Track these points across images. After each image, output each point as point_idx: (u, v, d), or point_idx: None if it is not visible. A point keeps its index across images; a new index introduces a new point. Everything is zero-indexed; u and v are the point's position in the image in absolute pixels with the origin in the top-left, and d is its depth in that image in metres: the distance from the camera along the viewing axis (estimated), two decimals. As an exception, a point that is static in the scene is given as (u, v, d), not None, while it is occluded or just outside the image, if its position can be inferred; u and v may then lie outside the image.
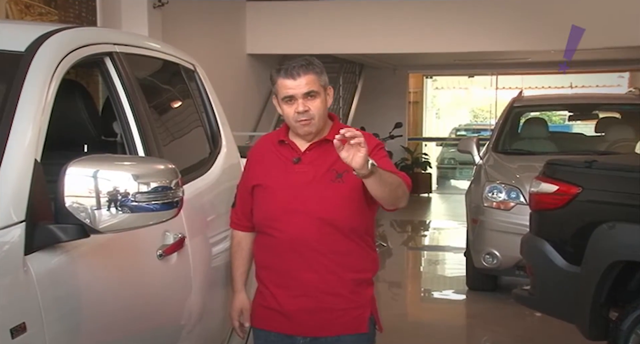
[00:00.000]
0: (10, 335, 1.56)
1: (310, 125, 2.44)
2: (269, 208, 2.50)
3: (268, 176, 2.52)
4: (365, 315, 2.51)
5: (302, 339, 2.49)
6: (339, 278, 2.46)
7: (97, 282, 1.97)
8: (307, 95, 2.42)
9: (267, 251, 2.52)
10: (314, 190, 2.45)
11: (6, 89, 1.89)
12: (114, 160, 1.95)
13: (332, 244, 2.44)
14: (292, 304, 2.47)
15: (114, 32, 2.75)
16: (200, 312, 2.63)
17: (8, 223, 1.68)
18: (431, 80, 21.19)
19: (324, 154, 2.48)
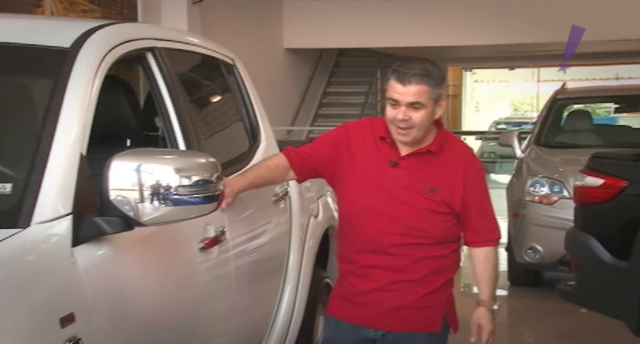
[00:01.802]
0: (60, 325, 1.59)
1: (405, 135, 2.37)
2: (357, 205, 2.47)
3: (361, 169, 2.46)
4: (439, 315, 2.49)
5: (372, 332, 2.48)
6: (417, 278, 2.44)
7: (141, 273, 2.01)
8: (411, 105, 2.32)
9: (349, 245, 2.51)
10: (406, 197, 2.40)
11: (52, 85, 1.93)
12: (156, 153, 1.98)
13: (414, 250, 2.43)
14: (367, 297, 2.47)
15: (156, 27, 2.78)
16: (239, 305, 2.65)
17: (56, 215, 1.72)
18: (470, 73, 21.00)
19: (422, 164, 2.43)
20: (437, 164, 2.44)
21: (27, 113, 2.07)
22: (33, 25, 2.46)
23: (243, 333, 2.75)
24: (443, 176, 2.43)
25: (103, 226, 1.80)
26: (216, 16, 7.90)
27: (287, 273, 3.15)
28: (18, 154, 1.87)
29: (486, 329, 2.51)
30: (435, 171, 2.42)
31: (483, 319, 2.51)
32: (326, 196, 3.66)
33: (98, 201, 1.83)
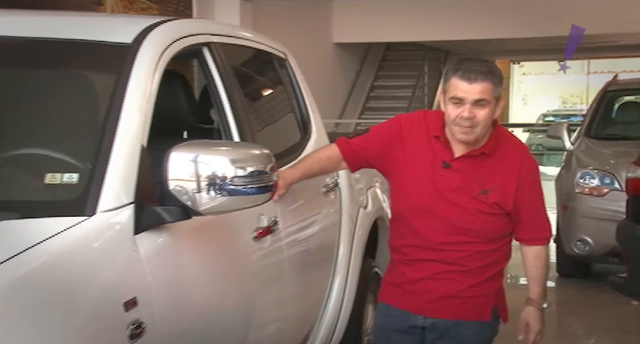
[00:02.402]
0: (124, 309, 1.63)
1: (469, 133, 2.32)
2: (408, 203, 2.45)
3: (413, 167, 2.44)
4: (489, 304, 2.48)
5: (422, 319, 2.47)
6: (466, 269, 2.43)
7: (198, 261, 2.04)
8: (476, 103, 2.27)
9: (400, 239, 2.51)
10: (457, 199, 2.37)
11: (115, 79, 1.96)
12: (213, 145, 2.00)
13: (463, 246, 2.41)
14: (417, 285, 2.46)
15: (211, 23, 2.81)
16: (291, 293, 2.67)
17: (119, 204, 1.76)
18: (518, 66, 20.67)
19: (475, 165, 2.39)
20: (490, 165, 2.40)
21: (92, 107, 2.11)
22: (97, 23, 2.52)
23: (295, 320, 2.77)
24: (496, 177, 2.39)
25: (163, 215, 1.83)
26: (267, 12, 7.94)
27: (337, 262, 3.16)
28: (84, 146, 1.92)
29: (534, 328, 2.49)
30: (488, 172, 2.38)
31: (531, 318, 2.50)
32: (375, 187, 3.66)
33: (158, 191, 1.86)
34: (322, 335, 3.04)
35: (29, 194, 1.87)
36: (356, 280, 3.24)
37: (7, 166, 1.96)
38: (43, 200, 1.84)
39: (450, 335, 2.45)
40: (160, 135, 2.08)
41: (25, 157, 1.97)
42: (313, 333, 3.01)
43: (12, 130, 2.07)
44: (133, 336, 1.64)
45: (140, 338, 1.66)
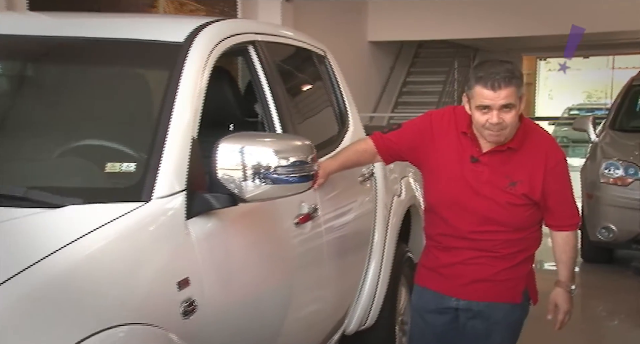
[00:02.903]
0: (177, 288, 1.66)
1: (500, 136, 2.29)
2: (439, 196, 2.45)
3: (442, 165, 2.42)
4: (519, 287, 2.47)
5: (455, 300, 2.48)
6: (498, 256, 2.42)
7: (244, 244, 2.06)
8: (503, 107, 2.23)
9: (434, 227, 2.51)
10: (486, 192, 2.35)
11: (168, 76, 1.98)
12: (258, 137, 2.01)
13: (494, 235, 2.40)
14: (450, 269, 2.46)
15: (256, 23, 2.82)
16: (329, 276, 2.68)
17: (172, 191, 1.78)
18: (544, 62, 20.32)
19: (503, 159, 2.36)
20: (518, 158, 2.37)
21: (147, 102, 2.13)
22: (151, 24, 2.54)
23: (333, 301, 2.77)
24: (524, 169, 2.36)
25: (212, 202, 1.85)
26: (307, 12, 7.93)
27: (373, 247, 3.16)
28: (140, 137, 1.94)
29: (562, 308, 2.47)
30: (516, 165, 2.35)
31: (560, 299, 2.48)
32: (408, 177, 3.65)
33: (207, 180, 1.88)
34: (358, 315, 3.05)
35: (91, 181, 1.90)
36: (390, 264, 3.24)
37: (72, 156, 2.00)
38: (104, 187, 1.87)
39: (483, 316, 2.45)
40: (209, 127, 2.09)
41: (88, 148, 2.00)
42: (350, 313, 3.02)
43: (77, 123, 2.12)
44: (186, 312, 1.67)
45: (193, 314, 1.69)
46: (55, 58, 2.26)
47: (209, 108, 2.06)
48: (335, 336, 2.88)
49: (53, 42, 2.22)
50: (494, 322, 2.45)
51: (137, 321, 1.50)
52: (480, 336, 2.47)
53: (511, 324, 2.49)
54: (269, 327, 2.20)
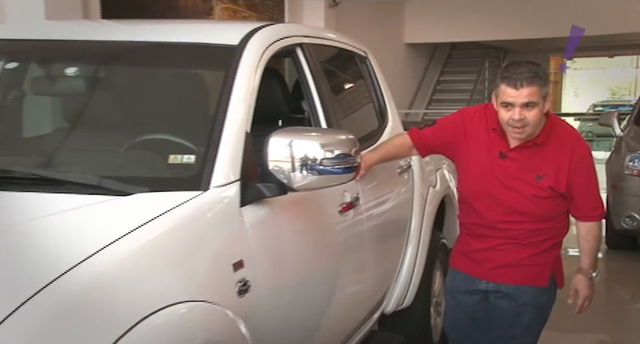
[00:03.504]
0: (233, 269, 1.67)
1: (522, 133, 2.26)
2: (471, 188, 2.43)
3: (472, 160, 2.41)
4: (546, 272, 2.42)
5: (485, 283, 2.46)
6: (525, 243, 2.38)
7: (293, 230, 2.06)
8: (525, 105, 2.20)
9: (466, 217, 2.49)
10: (514, 185, 2.32)
11: (224, 76, 1.98)
12: (305, 131, 1.99)
13: (521, 225, 2.36)
14: (481, 254, 2.45)
15: (303, 26, 2.81)
16: (370, 260, 2.67)
17: (227, 181, 1.79)
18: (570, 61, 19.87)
19: (529, 154, 2.32)
20: (544, 153, 2.32)
21: (205, 99, 2.14)
22: (209, 28, 2.55)
23: (373, 284, 2.76)
24: (549, 164, 2.32)
25: (263, 191, 1.85)
26: (348, 17, 7.89)
27: (410, 234, 3.14)
28: (198, 132, 1.95)
29: (582, 294, 2.43)
30: (542, 160, 2.31)
31: (580, 285, 2.43)
32: (443, 169, 3.60)
33: (259, 171, 1.88)
34: (396, 297, 3.04)
35: (156, 172, 1.92)
36: (426, 250, 3.21)
37: (139, 149, 2.02)
38: (167, 176, 1.89)
39: (511, 298, 2.42)
40: (260, 123, 2.10)
41: (153, 142, 2.02)
42: (388, 294, 3.01)
43: (143, 119, 2.14)
44: (241, 292, 1.68)
45: (246, 293, 1.70)
46: (124, 61, 2.29)
47: (260, 105, 2.06)
48: (375, 315, 2.88)
49: (123, 47, 2.25)
50: (521, 304, 2.41)
51: (196, 298, 1.51)
52: (509, 317, 2.44)
53: (538, 307, 2.44)
54: (316, 306, 2.20)
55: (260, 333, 1.75)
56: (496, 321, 2.47)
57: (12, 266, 1.33)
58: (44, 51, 2.32)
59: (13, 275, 1.29)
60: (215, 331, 1.53)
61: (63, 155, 2.12)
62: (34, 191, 1.68)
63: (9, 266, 1.33)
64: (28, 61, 2.44)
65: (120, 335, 1.27)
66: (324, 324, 2.25)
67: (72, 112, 2.36)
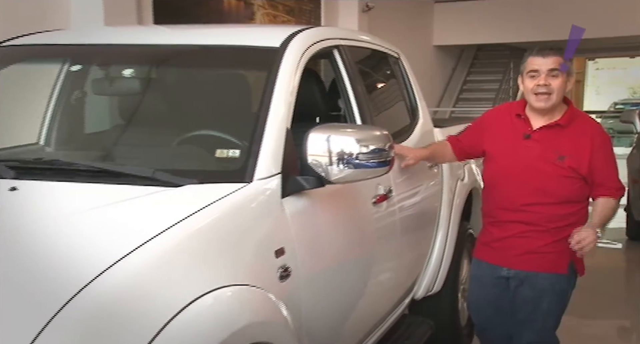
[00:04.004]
0: (275, 255, 1.67)
1: (546, 100, 2.24)
2: (496, 172, 2.42)
3: (497, 145, 2.40)
4: (564, 259, 2.35)
5: (506, 270, 2.42)
6: (545, 229, 2.33)
7: (330, 220, 2.05)
8: (551, 72, 2.22)
9: (489, 203, 2.47)
10: (536, 165, 2.30)
11: (267, 76, 1.98)
12: (342, 127, 1.97)
13: (543, 208, 2.32)
14: (502, 242, 2.41)
15: (339, 30, 2.78)
16: (402, 248, 2.64)
17: (270, 174, 1.78)
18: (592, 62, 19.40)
19: (552, 135, 2.30)
20: (566, 135, 2.30)
21: (249, 98, 2.14)
22: (252, 32, 2.55)
23: (404, 271, 2.74)
24: (571, 145, 2.29)
25: (303, 183, 1.84)
26: (380, 21, 7.83)
27: (439, 224, 3.10)
28: (243, 128, 1.95)
29: (582, 234, 2.23)
30: (564, 141, 2.29)
31: (583, 230, 2.25)
32: (470, 164, 3.54)
33: (299, 164, 1.87)
34: (425, 283, 3.01)
35: (204, 165, 1.93)
36: (454, 239, 3.17)
37: (188, 144, 2.04)
38: (214, 169, 1.89)
39: (530, 284, 2.37)
40: (300, 120, 2.09)
41: (202, 137, 2.03)
42: (418, 281, 2.98)
43: (191, 116, 2.16)
44: (282, 277, 1.68)
45: (287, 278, 1.69)
46: (175, 63, 2.31)
47: (299, 104, 2.04)
48: (406, 300, 2.85)
49: (174, 50, 2.26)
50: (540, 290, 2.36)
51: (241, 282, 1.51)
52: (529, 303, 2.39)
53: (557, 293, 2.39)
54: (352, 290, 2.19)
55: (299, 316, 1.75)
56: (518, 307, 2.42)
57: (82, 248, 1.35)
58: (104, 54, 2.35)
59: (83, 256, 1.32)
60: (258, 313, 1.53)
61: (120, 149, 2.15)
62: (95, 182, 1.70)
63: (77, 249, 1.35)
64: (90, 64, 2.48)
65: (175, 314, 1.28)
66: (359, 308, 2.24)
67: (128, 110, 2.39)
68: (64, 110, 2.55)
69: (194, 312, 1.32)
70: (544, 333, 2.41)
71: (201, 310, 1.34)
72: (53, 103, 2.54)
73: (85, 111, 2.56)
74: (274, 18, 5.93)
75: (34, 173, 1.74)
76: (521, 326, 2.44)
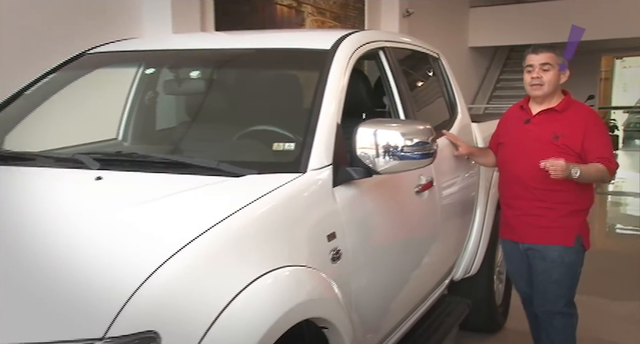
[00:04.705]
0: (327, 239, 1.66)
1: (539, 90, 2.39)
2: (504, 156, 2.55)
3: (507, 134, 2.56)
4: (572, 233, 2.42)
5: (521, 245, 2.52)
6: (552, 205, 2.40)
7: (376, 207, 2.02)
8: (542, 66, 2.38)
9: (503, 185, 2.60)
10: (536, 144, 2.41)
11: (319, 75, 1.96)
12: (387, 122, 1.93)
13: (545, 183, 2.38)
14: (516, 220, 2.52)
15: (384, 33, 2.73)
16: (442, 233, 2.59)
17: (322, 165, 1.77)
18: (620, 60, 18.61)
19: (549, 119, 2.42)
20: (563, 119, 2.40)
21: (302, 96, 2.13)
22: (304, 36, 2.54)
23: (444, 255, 2.69)
24: (566, 127, 2.37)
25: (352, 174, 1.81)
26: (419, 25, 7.70)
27: (476, 212, 3.03)
28: (298, 123, 1.93)
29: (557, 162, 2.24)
30: (560, 124, 2.38)
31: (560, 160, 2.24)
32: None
33: (348, 156, 1.84)
34: (463, 266, 2.95)
35: (262, 157, 1.93)
36: (490, 226, 3.08)
37: (248, 138, 2.04)
38: (272, 161, 1.89)
39: (542, 256, 2.44)
40: (348, 115, 2.06)
41: (260, 132, 2.02)
42: (457, 264, 2.92)
43: (250, 113, 2.16)
44: (334, 259, 1.66)
45: (338, 260, 1.68)
46: (235, 65, 2.31)
47: (348, 101, 2.02)
48: (446, 281, 2.81)
49: (234, 53, 2.27)
50: (551, 261, 2.42)
51: (297, 263, 1.50)
52: (542, 273, 2.45)
53: (566, 265, 2.42)
54: (396, 272, 2.16)
55: (349, 293, 1.73)
56: (534, 277, 2.49)
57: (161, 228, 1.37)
58: (173, 58, 2.39)
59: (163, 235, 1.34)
60: (313, 291, 1.52)
61: (188, 143, 2.17)
62: (167, 172, 1.72)
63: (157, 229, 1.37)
64: (161, 67, 2.51)
65: (239, 291, 1.28)
66: (403, 288, 2.21)
67: (194, 108, 2.41)
68: (138, 108, 2.60)
69: (257, 289, 1.32)
70: (557, 300, 2.45)
71: (263, 287, 1.34)
72: (130, 102, 2.60)
73: (157, 109, 2.60)
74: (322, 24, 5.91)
75: (116, 165, 1.78)
76: (540, 296, 2.49)
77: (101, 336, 1.08)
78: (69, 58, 2.37)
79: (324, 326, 1.56)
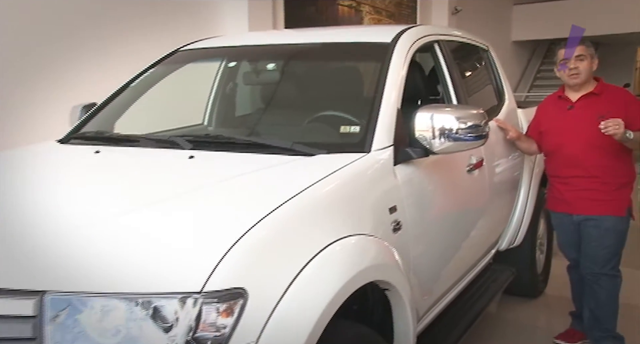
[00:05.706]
0: (389, 212, 1.61)
1: (577, 78, 2.36)
2: (554, 142, 2.45)
3: (549, 123, 2.48)
4: (623, 204, 2.36)
5: (576, 216, 2.44)
6: (604, 179, 2.33)
7: (433, 184, 1.95)
8: (577, 57, 2.35)
9: (553, 163, 2.50)
10: (583, 125, 2.36)
11: (380, 66, 1.90)
12: (443, 107, 1.85)
13: (596, 159, 2.31)
14: (571, 195, 2.43)
15: (439, 27, 2.62)
16: (491, 208, 2.48)
17: (384, 146, 1.72)
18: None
19: (590, 103, 2.38)
20: (602, 101, 2.34)
21: (366, 84, 2.07)
22: (366, 31, 2.47)
23: (492, 226, 2.58)
24: (608, 106, 2.31)
25: (411, 154, 1.76)
26: (467, 21, 7.37)
27: (521, 189, 2.88)
28: (362, 109, 1.89)
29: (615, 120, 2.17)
30: (600, 105, 2.33)
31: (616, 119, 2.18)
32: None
33: (407, 138, 1.78)
34: (509, 237, 2.82)
35: (331, 139, 1.88)
36: (533, 201, 2.94)
37: (318, 122, 2.01)
38: (340, 142, 1.84)
39: (597, 225, 2.36)
40: (407, 102, 1.98)
41: (329, 116, 1.99)
42: (503, 235, 2.80)
43: (319, 100, 2.12)
44: (395, 229, 1.62)
45: (399, 231, 1.63)
46: (305, 58, 2.27)
47: (406, 89, 1.94)
48: (492, 251, 2.70)
49: (304, 47, 2.24)
50: (604, 229, 2.37)
51: (363, 233, 1.47)
52: (595, 240, 2.40)
53: (617, 232, 2.39)
54: (450, 242, 2.09)
55: (408, 260, 1.69)
56: (586, 243, 2.43)
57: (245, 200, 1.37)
58: (251, 53, 2.38)
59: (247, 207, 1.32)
60: (377, 257, 1.48)
61: (264, 127, 2.15)
62: (248, 152, 1.72)
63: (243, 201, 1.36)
64: (240, 60, 2.51)
65: (313, 256, 1.26)
66: (455, 257, 2.14)
67: (268, 96, 2.40)
68: (221, 98, 2.62)
69: (328, 255, 1.29)
70: (606, 264, 2.41)
71: (332, 253, 1.31)
72: (214, 92, 2.63)
73: (237, 98, 2.61)
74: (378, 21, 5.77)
75: (204, 145, 1.80)
76: (590, 260, 2.42)
77: (199, 290, 1.08)
78: (164, 55, 2.42)
79: (386, 288, 1.52)
